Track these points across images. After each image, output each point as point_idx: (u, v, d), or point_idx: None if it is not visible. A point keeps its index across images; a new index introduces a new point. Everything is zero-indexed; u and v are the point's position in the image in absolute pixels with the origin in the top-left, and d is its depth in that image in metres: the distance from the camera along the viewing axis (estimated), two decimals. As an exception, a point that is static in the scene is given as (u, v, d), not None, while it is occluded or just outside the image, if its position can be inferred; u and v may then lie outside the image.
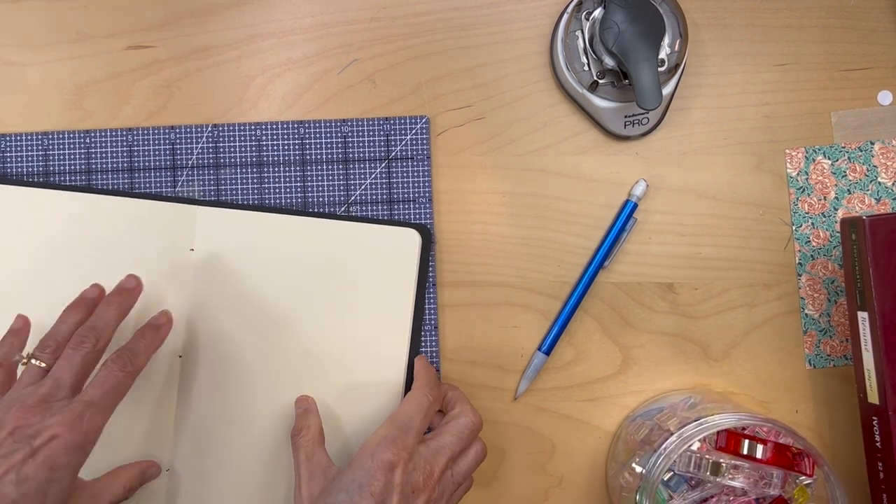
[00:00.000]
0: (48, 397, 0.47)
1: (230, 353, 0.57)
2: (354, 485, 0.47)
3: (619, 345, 0.61)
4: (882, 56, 0.62)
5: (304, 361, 0.57)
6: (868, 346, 0.54)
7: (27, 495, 0.43)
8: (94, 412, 0.46)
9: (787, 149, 0.62)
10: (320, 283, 0.57)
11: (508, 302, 0.61)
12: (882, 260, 0.53)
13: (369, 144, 0.61)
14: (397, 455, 0.48)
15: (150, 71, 0.62)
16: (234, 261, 0.58)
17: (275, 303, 0.57)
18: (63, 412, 0.46)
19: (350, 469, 0.48)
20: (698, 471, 0.52)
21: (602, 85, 0.59)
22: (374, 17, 0.62)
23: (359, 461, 0.48)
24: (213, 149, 0.61)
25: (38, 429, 0.45)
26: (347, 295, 0.57)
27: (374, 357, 0.57)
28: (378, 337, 0.57)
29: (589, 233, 0.61)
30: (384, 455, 0.48)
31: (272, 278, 0.57)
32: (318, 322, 0.57)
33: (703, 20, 0.62)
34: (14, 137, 0.61)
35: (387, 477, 0.47)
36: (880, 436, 0.54)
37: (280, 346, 0.57)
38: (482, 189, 0.61)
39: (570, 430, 0.61)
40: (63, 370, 0.48)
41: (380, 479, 0.47)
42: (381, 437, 0.49)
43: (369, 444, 0.49)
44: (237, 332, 0.57)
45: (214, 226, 0.58)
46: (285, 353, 0.57)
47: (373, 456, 0.48)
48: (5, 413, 0.46)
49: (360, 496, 0.46)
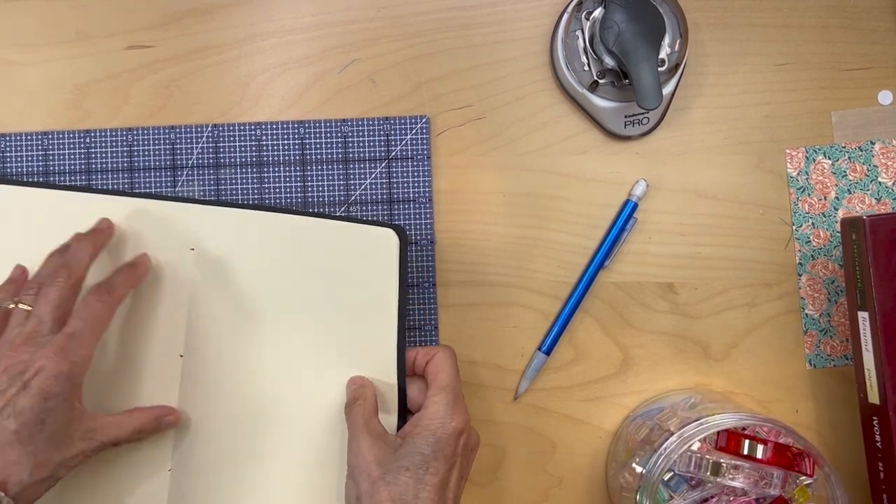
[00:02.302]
0: (33, 334, 0.48)
1: (230, 352, 0.57)
2: (429, 449, 0.49)
3: (619, 345, 0.61)
4: (882, 56, 0.62)
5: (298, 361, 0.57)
6: (868, 346, 0.54)
7: (26, 425, 0.46)
8: (77, 343, 0.48)
9: (787, 148, 0.62)
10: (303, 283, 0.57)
11: (508, 302, 0.61)
12: (882, 260, 0.53)
13: (369, 144, 0.61)
14: (464, 421, 0.51)
15: (150, 71, 0.62)
16: (231, 260, 0.57)
17: (265, 302, 0.57)
18: (47, 345, 0.48)
19: (420, 436, 0.50)
20: (698, 471, 0.52)
21: (602, 85, 0.59)
22: (374, 17, 0.62)
23: (429, 428, 0.50)
24: (213, 149, 0.61)
25: (27, 364, 0.47)
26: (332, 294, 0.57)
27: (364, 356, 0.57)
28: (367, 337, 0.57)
29: (589, 232, 0.61)
30: (454, 423, 0.51)
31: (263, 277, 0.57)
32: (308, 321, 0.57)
33: (703, 20, 0.62)
34: (14, 137, 0.61)
35: (457, 442, 0.50)
36: (880, 436, 0.54)
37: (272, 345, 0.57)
38: (482, 189, 0.61)
39: (570, 430, 0.61)
40: (42, 307, 0.50)
41: (451, 445, 0.50)
42: (445, 406, 0.51)
43: (435, 412, 0.51)
44: (236, 330, 0.57)
45: (213, 225, 0.58)
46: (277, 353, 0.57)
47: (443, 424, 0.50)
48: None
49: (436, 460, 0.49)
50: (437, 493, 0.48)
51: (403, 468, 0.49)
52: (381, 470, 0.49)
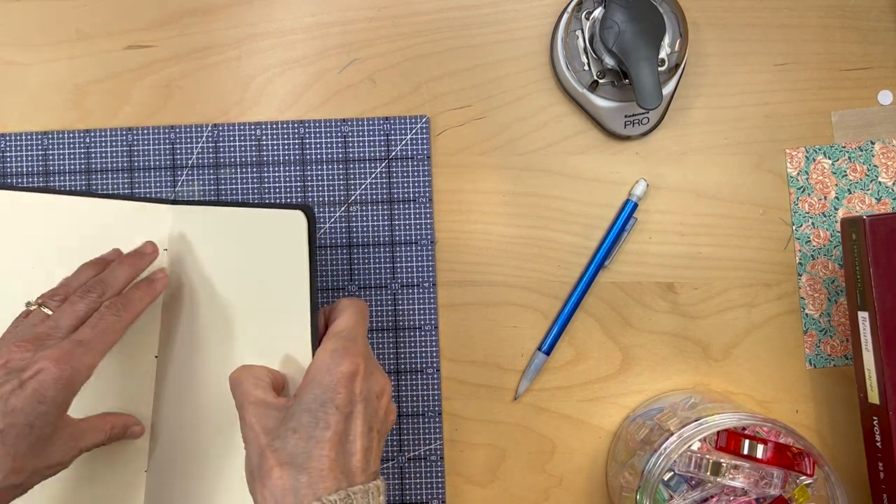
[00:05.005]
0: (43, 336, 0.48)
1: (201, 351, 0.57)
2: (316, 403, 0.45)
3: (619, 344, 0.61)
4: (882, 56, 0.62)
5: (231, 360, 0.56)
6: (868, 346, 0.54)
7: (14, 426, 0.44)
8: (83, 351, 0.47)
9: (787, 148, 0.62)
10: (228, 274, 0.56)
11: (508, 302, 0.61)
12: (882, 260, 0.53)
13: (369, 144, 0.61)
14: (354, 364, 0.46)
15: (150, 70, 0.62)
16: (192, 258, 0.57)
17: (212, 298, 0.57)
18: (53, 348, 0.46)
19: (306, 390, 0.46)
20: (698, 471, 0.52)
21: (602, 84, 0.59)
22: (374, 17, 0.62)
23: (314, 380, 0.46)
24: (213, 148, 0.61)
25: (28, 362, 0.46)
26: (249, 282, 0.56)
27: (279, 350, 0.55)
28: (280, 321, 0.55)
29: (589, 232, 0.61)
30: (342, 367, 0.45)
31: (207, 273, 0.56)
32: (232, 317, 0.56)
33: (703, 20, 0.62)
34: (14, 137, 0.61)
35: (348, 388, 0.45)
36: (880, 436, 0.54)
37: (217, 344, 0.56)
38: (482, 189, 0.61)
39: (570, 430, 0.61)
40: (64, 314, 0.49)
41: (342, 392, 0.45)
42: (330, 352, 0.46)
43: (320, 361, 0.46)
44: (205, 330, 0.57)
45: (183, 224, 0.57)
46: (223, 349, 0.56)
47: (329, 370, 0.46)
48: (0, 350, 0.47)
49: (325, 412, 0.44)
50: (334, 449, 0.43)
51: (291, 430, 0.44)
52: (268, 437, 0.45)
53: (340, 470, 0.43)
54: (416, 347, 0.60)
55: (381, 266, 0.61)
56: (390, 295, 0.61)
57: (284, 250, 0.55)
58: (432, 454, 0.60)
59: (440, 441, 0.60)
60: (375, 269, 0.61)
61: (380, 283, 0.61)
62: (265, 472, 0.43)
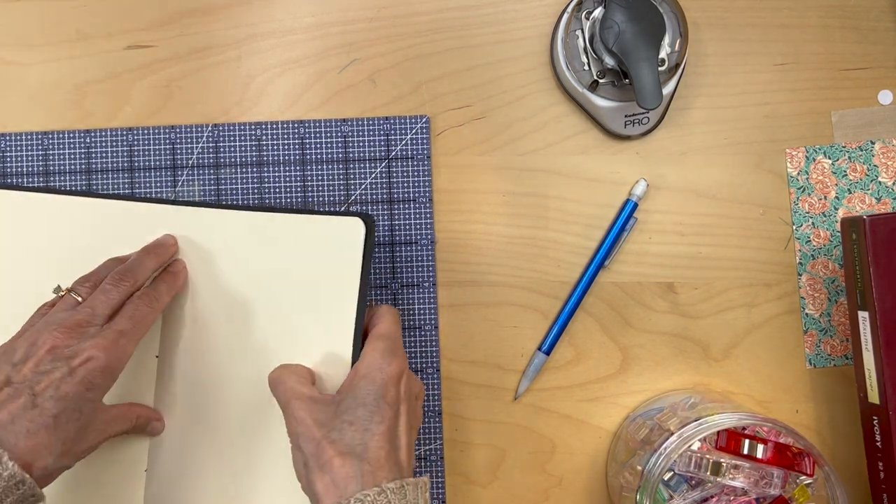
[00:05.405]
0: (84, 323, 0.49)
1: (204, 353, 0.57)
2: (370, 398, 0.48)
3: (619, 345, 0.61)
4: (882, 55, 0.62)
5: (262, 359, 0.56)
6: (868, 346, 0.54)
7: (66, 411, 0.46)
8: (126, 340, 0.49)
9: (787, 148, 0.62)
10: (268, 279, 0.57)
11: (508, 302, 0.61)
12: (882, 260, 0.53)
13: (369, 144, 0.61)
14: (401, 365, 0.49)
15: (150, 71, 0.62)
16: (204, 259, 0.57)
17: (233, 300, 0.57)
18: (98, 337, 0.48)
19: (359, 386, 0.48)
20: (698, 471, 0.52)
21: (602, 84, 0.59)
22: (374, 17, 0.62)
23: (367, 377, 0.49)
24: (213, 148, 0.61)
25: (76, 350, 0.47)
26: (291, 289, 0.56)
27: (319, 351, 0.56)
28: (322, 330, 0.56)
29: (589, 232, 0.61)
30: (392, 367, 0.49)
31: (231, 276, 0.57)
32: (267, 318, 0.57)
33: (704, 20, 0.62)
34: (14, 137, 0.61)
35: (397, 387, 0.49)
36: (880, 436, 0.54)
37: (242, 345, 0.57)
38: (482, 189, 0.61)
39: (570, 430, 0.61)
40: (99, 301, 0.50)
41: (392, 390, 0.48)
42: (381, 352, 0.50)
43: (371, 360, 0.49)
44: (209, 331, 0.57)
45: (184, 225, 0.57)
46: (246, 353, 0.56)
47: (381, 369, 0.49)
48: (41, 334, 0.48)
49: (379, 407, 0.47)
50: (387, 440, 0.47)
51: (347, 423, 0.47)
52: (323, 430, 0.47)
53: (394, 462, 0.46)
54: (416, 347, 0.60)
55: (381, 266, 0.61)
56: (390, 295, 0.61)
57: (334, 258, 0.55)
58: (432, 454, 0.60)
59: (440, 441, 0.60)
60: (375, 269, 0.61)
61: (380, 283, 0.61)
62: (325, 462, 0.46)
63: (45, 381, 0.46)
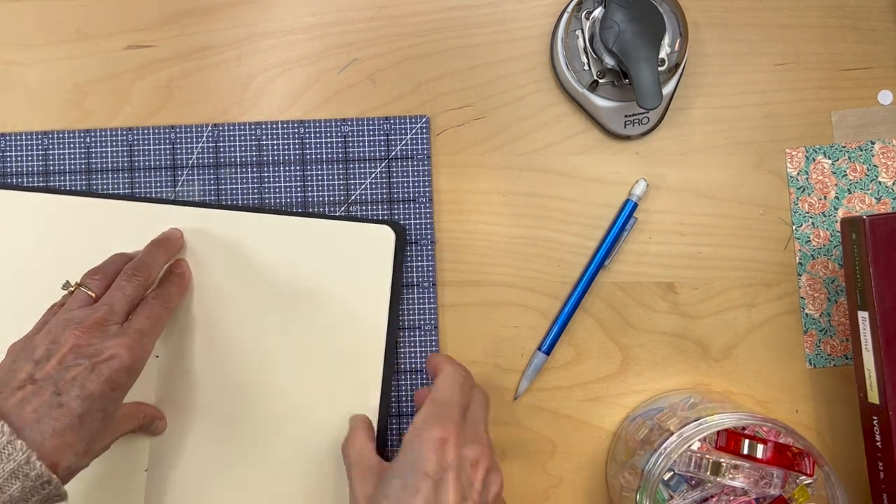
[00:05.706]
0: (103, 321, 0.48)
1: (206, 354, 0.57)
2: (406, 467, 0.45)
3: (619, 345, 0.61)
4: (882, 55, 0.62)
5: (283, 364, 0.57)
6: (868, 346, 0.54)
7: (91, 411, 0.45)
8: (147, 340, 0.49)
9: (787, 148, 0.62)
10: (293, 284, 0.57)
11: (508, 302, 0.61)
12: (882, 259, 0.53)
13: (369, 144, 0.61)
14: (446, 430, 0.46)
15: (150, 70, 0.62)
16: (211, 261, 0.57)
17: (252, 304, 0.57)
18: (120, 336, 0.48)
19: (400, 456, 0.47)
20: (698, 470, 0.52)
21: (602, 84, 0.59)
22: (374, 17, 0.62)
23: (407, 446, 0.47)
24: (213, 148, 0.61)
25: (99, 348, 0.47)
26: (321, 294, 0.57)
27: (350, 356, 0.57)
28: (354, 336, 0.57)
29: (589, 232, 0.61)
30: (432, 433, 0.46)
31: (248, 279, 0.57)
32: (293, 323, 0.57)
33: (703, 20, 0.62)
34: (14, 137, 0.61)
35: (438, 454, 0.45)
36: (880, 436, 0.54)
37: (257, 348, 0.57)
38: (482, 189, 0.61)
39: (570, 430, 0.61)
40: (116, 298, 0.50)
41: (432, 458, 0.45)
42: (423, 418, 0.47)
43: (415, 427, 0.47)
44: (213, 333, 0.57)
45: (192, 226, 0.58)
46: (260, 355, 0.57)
47: (419, 436, 0.46)
48: (62, 332, 0.47)
49: (415, 478, 0.45)
50: None
51: (383, 496, 0.46)
52: None
53: None
54: (416, 347, 0.60)
55: (381, 266, 0.61)
56: (390, 295, 0.61)
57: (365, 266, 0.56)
58: (432, 454, 0.60)
59: (440, 441, 0.60)
60: (375, 269, 0.61)
61: (380, 283, 0.61)
62: None
63: (70, 380, 0.45)
